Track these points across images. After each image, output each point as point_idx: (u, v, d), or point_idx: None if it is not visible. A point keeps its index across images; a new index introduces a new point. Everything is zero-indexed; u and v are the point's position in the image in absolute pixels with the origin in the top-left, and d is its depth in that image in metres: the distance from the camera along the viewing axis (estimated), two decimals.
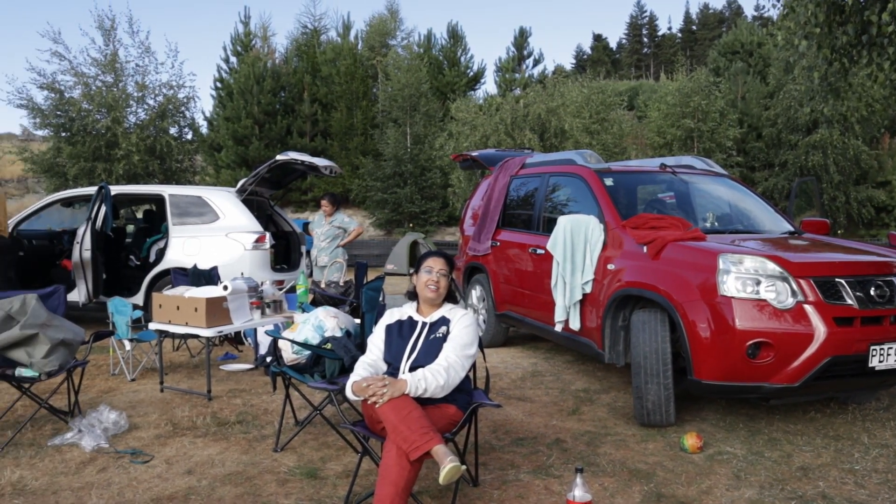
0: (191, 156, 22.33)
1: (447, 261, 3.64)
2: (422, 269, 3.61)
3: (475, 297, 7.81)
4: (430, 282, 3.55)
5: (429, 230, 25.25)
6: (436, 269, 3.57)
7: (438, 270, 3.57)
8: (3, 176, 38.55)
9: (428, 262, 3.61)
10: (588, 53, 68.57)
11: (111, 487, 3.66)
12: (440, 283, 3.56)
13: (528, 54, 31.34)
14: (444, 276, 3.58)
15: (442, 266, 3.60)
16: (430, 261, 3.61)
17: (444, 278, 3.58)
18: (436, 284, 3.55)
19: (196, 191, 8.83)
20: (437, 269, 3.58)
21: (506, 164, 7.64)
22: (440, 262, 3.61)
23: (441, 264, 3.60)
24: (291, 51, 31.95)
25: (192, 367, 6.69)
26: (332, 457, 4.13)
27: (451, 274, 3.64)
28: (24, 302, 4.74)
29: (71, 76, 19.53)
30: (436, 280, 3.55)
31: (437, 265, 3.59)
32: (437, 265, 3.59)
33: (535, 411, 5.12)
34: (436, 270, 3.57)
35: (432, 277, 3.55)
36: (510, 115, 20.39)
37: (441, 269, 3.58)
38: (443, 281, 3.57)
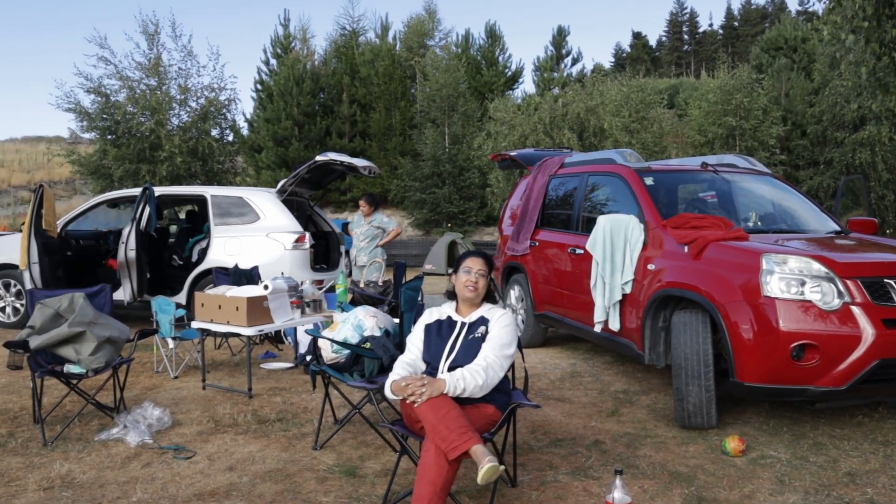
0: (232, 157, 22.65)
1: (486, 261, 3.64)
2: (461, 270, 3.61)
3: (513, 298, 7.79)
4: (468, 282, 3.55)
5: (467, 230, 25.24)
6: (475, 269, 3.57)
7: (477, 270, 3.57)
8: (53, 178, 39.58)
9: (467, 263, 3.61)
10: (627, 51, 67.90)
11: (155, 482, 3.74)
12: (479, 283, 3.56)
13: (566, 53, 31.17)
14: (482, 276, 3.58)
15: (481, 266, 3.59)
16: (469, 261, 3.61)
17: (483, 278, 3.58)
18: (474, 284, 3.55)
19: (237, 191, 8.95)
20: (475, 269, 3.57)
21: (544, 164, 7.60)
22: (479, 261, 3.61)
23: (480, 264, 3.60)
24: (330, 52, 32.20)
25: (233, 366, 6.79)
26: (371, 455, 4.16)
27: (490, 274, 3.63)
28: (72, 300, 4.87)
29: (116, 80, 19.97)
30: (474, 280, 3.55)
31: (475, 265, 3.59)
32: (476, 265, 3.59)
33: (574, 412, 5.09)
34: (475, 270, 3.57)
35: (471, 278, 3.55)
36: (549, 115, 20.29)
37: (480, 269, 3.58)
38: (481, 281, 3.57)
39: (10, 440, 4.44)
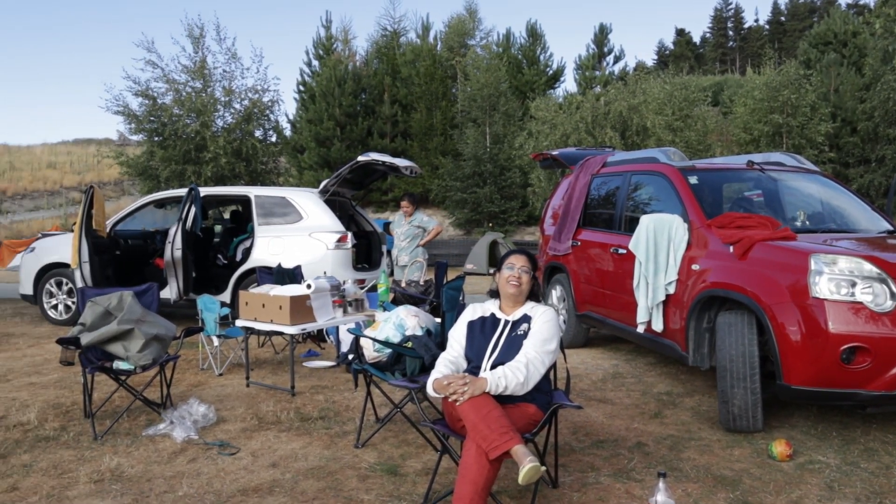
0: (275, 158, 22.93)
1: (529, 258, 3.63)
2: (504, 266, 3.61)
3: (555, 298, 7.75)
4: (511, 277, 3.55)
5: (508, 230, 25.19)
6: (518, 265, 3.57)
7: (520, 267, 3.57)
8: (102, 179, 40.56)
9: (510, 260, 3.61)
10: (670, 49, 67.09)
11: (200, 477, 3.80)
12: (522, 279, 3.55)
13: (608, 51, 30.93)
14: (525, 273, 3.57)
15: (524, 263, 3.59)
16: (512, 257, 3.62)
17: (526, 275, 3.57)
18: (517, 280, 3.54)
19: (280, 192, 9.06)
20: (519, 265, 3.57)
21: (586, 163, 7.55)
22: (522, 258, 3.61)
23: (523, 261, 3.59)
24: (372, 53, 32.42)
25: (276, 364, 6.87)
26: (412, 454, 4.17)
27: (533, 272, 3.62)
28: (121, 299, 4.99)
29: (163, 83, 20.38)
30: (517, 276, 3.55)
31: (519, 262, 3.59)
32: (520, 262, 3.59)
33: (616, 413, 5.04)
34: (518, 267, 3.57)
35: (514, 273, 3.55)
36: (590, 114, 20.14)
37: (523, 265, 3.58)
38: (524, 277, 3.56)
39: (63, 434, 4.56)
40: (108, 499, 3.51)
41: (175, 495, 3.55)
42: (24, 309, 10.91)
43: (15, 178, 42.12)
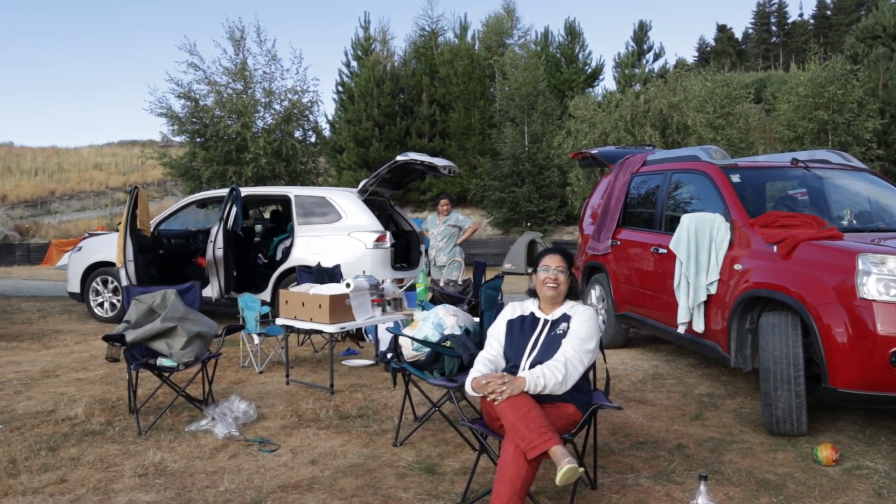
0: (314, 158, 23.13)
1: (564, 257, 3.59)
2: (539, 269, 3.58)
3: (594, 297, 7.69)
4: (547, 279, 3.52)
5: (547, 229, 25.07)
6: (553, 266, 3.54)
7: (556, 267, 3.53)
8: (146, 179, 41.37)
9: (545, 261, 3.58)
10: (712, 45, 66.02)
11: (241, 473, 3.86)
12: (559, 280, 3.52)
13: (647, 48, 30.62)
14: (562, 273, 3.53)
15: (559, 262, 3.55)
16: (546, 258, 3.58)
17: (563, 274, 3.54)
18: (554, 281, 3.51)
19: (320, 192, 9.14)
20: (554, 265, 3.54)
21: (626, 162, 7.48)
22: (557, 258, 3.57)
23: (558, 261, 3.56)
24: (410, 53, 32.52)
25: (315, 362, 6.94)
26: (451, 453, 4.18)
27: (570, 270, 3.59)
28: (165, 297, 5.08)
29: (205, 85, 20.71)
30: (553, 277, 3.52)
31: (553, 262, 3.55)
32: (554, 262, 3.55)
33: (656, 415, 4.98)
34: (553, 267, 3.53)
35: (550, 275, 3.52)
36: (630, 112, 19.95)
37: (558, 265, 3.54)
38: (561, 277, 3.53)
39: (109, 428, 4.67)
40: (152, 493, 3.58)
41: (216, 490, 3.60)
42: (72, 306, 11.18)
43: (63, 180, 43.20)
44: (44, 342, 8.10)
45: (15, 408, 5.23)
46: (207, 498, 3.50)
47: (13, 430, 4.67)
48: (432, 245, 9.06)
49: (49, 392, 5.71)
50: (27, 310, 11.02)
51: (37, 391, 5.75)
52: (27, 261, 25.96)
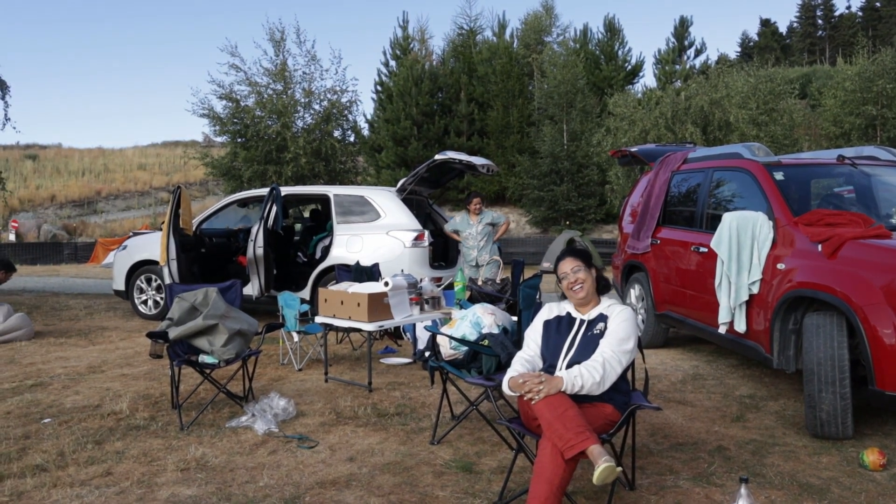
0: (353, 157, 23.30)
1: (575, 256, 3.56)
2: (559, 278, 3.57)
3: (634, 297, 7.62)
4: (570, 286, 3.50)
5: (586, 228, 24.89)
6: (568, 270, 3.52)
7: (572, 269, 3.51)
8: (189, 179, 42.09)
9: (559, 270, 3.57)
10: (755, 40, 64.80)
11: (280, 469, 3.91)
12: (579, 280, 3.49)
13: (689, 44, 30.15)
14: (580, 272, 3.50)
15: (572, 264, 3.53)
16: (559, 267, 3.57)
17: (582, 273, 3.50)
18: (577, 283, 3.49)
19: (358, 191, 9.20)
20: (569, 269, 3.52)
21: (666, 160, 7.39)
22: (568, 262, 3.54)
23: (570, 263, 3.53)
24: (448, 52, 32.54)
25: (353, 360, 6.99)
26: (488, 452, 4.17)
27: (588, 265, 3.55)
28: (206, 295, 5.17)
29: (246, 86, 21.01)
30: (574, 280, 3.50)
31: (567, 267, 3.53)
32: (567, 266, 3.53)
33: (696, 416, 4.91)
34: (569, 271, 3.51)
35: (570, 280, 3.50)
36: (670, 109, 19.68)
37: (573, 266, 3.52)
38: (581, 276, 3.50)
39: (152, 423, 4.76)
40: (194, 487, 3.64)
41: (256, 486, 3.65)
42: (117, 304, 11.43)
43: (109, 180, 44.18)
44: (90, 338, 8.30)
45: (63, 402, 5.37)
46: (247, 493, 3.55)
47: (61, 423, 4.80)
48: (471, 246, 8.96)
49: (95, 387, 5.84)
50: (74, 307, 11.30)
51: (83, 386, 5.89)
52: (75, 259, 26.60)
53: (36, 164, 47.58)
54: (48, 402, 5.37)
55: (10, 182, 36.11)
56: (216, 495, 3.53)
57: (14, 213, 35.57)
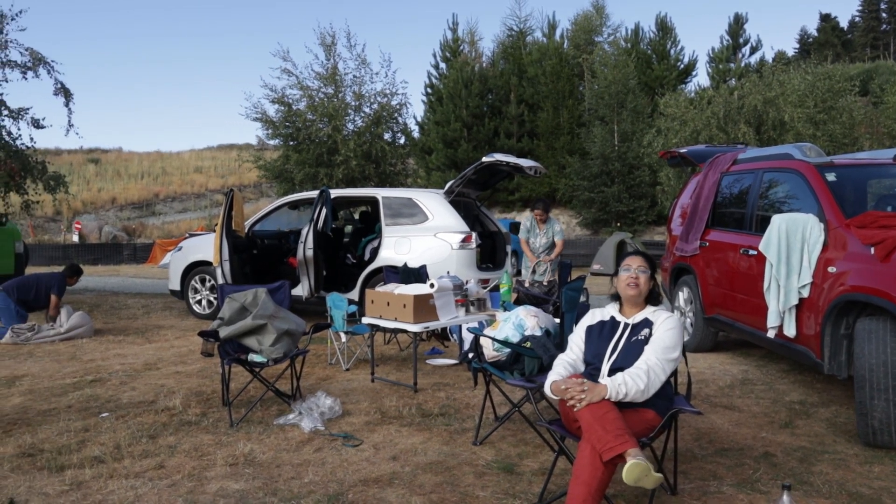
0: (403, 159, 23.45)
1: (645, 258, 3.57)
2: (621, 269, 3.58)
3: (682, 300, 7.53)
4: (629, 279, 3.51)
5: (637, 229, 24.64)
6: (634, 265, 3.53)
7: (637, 267, 3.52)
8: (242, 182, 42.93)
9: (626, 261, 3.57)
10: (814, 36, 63.02)
11: (325, 466, 3.99)
12: (640, 279, 3.50)
13: (743, 42, 29.61)
14: (642, 273, 3.51)
15: (640, 263, 3.54)
16: (628, 259, 3.58)
17: (644, 275, 3.51)
18: (635, 281, 3.49)
19: (407, 193, 9.28)
20: (635, 266, 3.52)
21: (716, 161, 7.29)
22: (638, 259, 3.56)
23: (639, 262, 3.54)
24: (498, 53, 32.56)
25: (400, 360, 7.06)
26: (529, 453, 4.19)
27: (651, 273, 3.56)
28: (256, 295, 5.30)
29: (297, 90, 21.31)
30: (635, 276, 3.50)
31: (635, 263, 3.54)
32: (636, 262, 3.54)
33: (743, 421, 4.84)
34: (634, 267, 3.52)
35: (631, 274, 3.51)
36: (723, 108, 19.27)
37: (640, 265, 3.53)
38: (642, 277, 3.50)
39: (203, 419, 4.91)
40: (241, 481, 3.75)
41: (301, 482, 3.74)
42: (173, 303, 11.75)
43: (166, 182, 45.35)
44: (147, 336, 8.56)
45: (120, 397, 5.57)
46: (292, 488, 3.64)
47: (118, 417, 4.98)
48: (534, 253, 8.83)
49: (150, 384, 6.04)
50: (133, 306, 11.66)
51: (140, 382, 6.09)
52: (134, 259, 27.41)
53: (98, 168, 49.14)
54: (106, 398, 5.57)
55: (74, 185, 37.34)
56: (262, 490, 3.62)
57: (77, 215, 36.81)
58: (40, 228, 35.18)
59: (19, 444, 4.40)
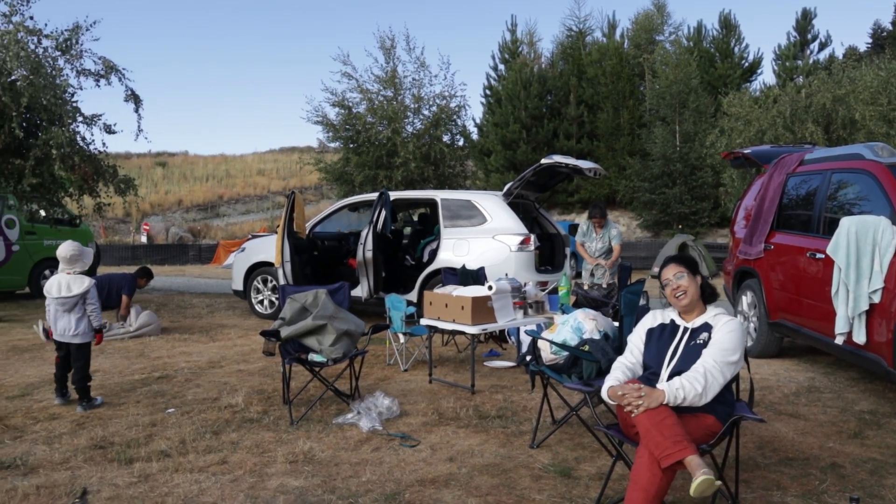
0: (462, 161, 23.52)
1: (679, 262, 3.48)
2: (663, 285, 3.50)
3: (745, 304, 7.36)
4: (673, 292, 3.43)
5: (699, 232, 24.16)
6: (671, 276, 3.44)
7: (674, 275, 3.43)
8: (304, 184, 43.67)
9: (663, 276, 3.49)
10: (888, 30, 60.65)
11: (382, 466, 4.03)
12: (682, 286, 3.41)
13: (812, 38, 28.69)
14: (682, 278, 3.42)
15: (676, 270, 3.44)
16: (663, 273, 3.49)
17: (685, 279, 3.42)
18: (679, 290, 3.41)
19: (465, 195, 9.30)
20: (672, 275, 3.44)
21: (781, 161, 7.10)
22: (672, 268, 3.46)
23: (674, 269, 3.45)
24: (557, 54, 32.36)
25: (458, 362, 7.08)
26: (587, 458, 4.16)
27: (694, 272, 3.48)
28: (316, 296, 5.39)
29: (357, 93, 21.58)
30: (676, 286, 3.42)
31: (670, 273, 3.45)
32: (671, 272, 3.45)
33: (809, 430, 4.70)
34: (672, 276, 3.44)
35: (672, 286, 3.43)
36: (789, 107, 18.68)
37: (676, 272, 3.43)
38: (684, 282, 3.41)
39: (265, 417, 5.02)
40: (301, 478, 3.82)
41: (358, 480, 3.79)
42: (236, 303, 12.03)
43: (230, 185, 46.48)
44: (211, 335, 8.79)
45: (185, 394, 5.74)
46: (350, 487, 3.70)
47: (183, 413, 5.13)
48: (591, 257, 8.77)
49: (214, 381, 6.20)
50: (198, 305, 11.98)
51: (204, 380, 6.26)
52: (199, 260, 28.17)
53: (165, 171, 50.71)
54: (172, 394, 5.75)
55: (143, 188, 38.55)
56: (321, 488, 3.69)
57: (146, 217, 38.03)
58: (111, 230, 36.46)
59: (92, 436, 4.58)
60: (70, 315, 5.36)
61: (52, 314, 5.40)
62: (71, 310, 5.36)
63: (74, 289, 5.34)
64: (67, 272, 5.41)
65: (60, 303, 5.33)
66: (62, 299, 5.33)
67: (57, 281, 5.38)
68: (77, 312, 5.38)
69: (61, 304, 5.34)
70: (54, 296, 5.33)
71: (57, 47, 10.39)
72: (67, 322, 5.36)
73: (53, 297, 5.34)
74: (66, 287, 5.34)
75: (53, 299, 5.35)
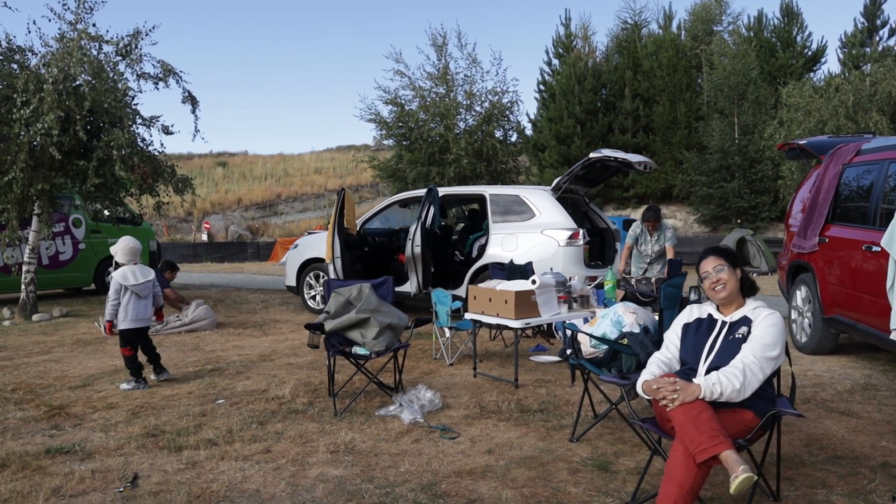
0: (515, 157, 23.44)
1: (718, 254, 3.40)
2: (702, 278, 3.44)
3: (800, 299, 7.17)
4: (712, 285, 3.36)
5: (759, 226, 23.59)
6: (709, 268, 3.37)
7: (714, 268, 3.36)
8: (359, 182, 44.13)
9: (701, 269, 3.42)
10: None
11: (421, 457, 4.08)
12: (721, 279, 3.33)
13: (881, 24, 27.59)
14: (721, 271, 3.34)
15: (715, 262, 3.37)
16: (702, 266, 3.42)
17: (724, 272, 3.34)
18: (718, 283, 3.34)
19: (514, 190, 9.29)
20: (710, 268, 3.37)
21: (837, 152, 6.89)
22: (711, 260, 3.39)
23: (713, 262, 3.38)
24: (612, 48, 31.93)
25: (504, 357, 7.09)
26: (626, 452, 4.12)
27: (734, 265, 3.40)
28: (360, 290, 5.48)
29: (410, 90, 21.72)
30: (715, 280, 3.34)
31: (709, 265, 3.38)
32: (709, 265, 3.38)
33: (862, 429, 4.56)
34: (712, 269, 3.37)
35: (711, 279, 3.36)
36: (852, 96, 17.99)
37: (716, 265, 3.36)
38: (723, 275, 3.33)
39: (310, 408, 5.12)
40: (341, 468, 3.89)
41: (397, 471, 3.84)
42: (290, 299, 12.26)
43: (288, 183, 47.30)
44: (264, 330, 8.98)
45: (235, 386, 5.89)
46: (388, 476, 3.75)
47: (232, 404, 5.27)
48: (644, 257, 8.62)
49: (264, 374, 6.35)
50: (253, 301, 12.25)
51: (254, 372, 6.42)
52: (257, 257, 28.74)
53: (225, 171, 51.85)
54: (223, 386, 5.91)
55: (203, 187, 39.50)
56: (360, 477, 3.75)
57: (206, 216, 38.97)
58: (174, 228, 37.49)
59: (145, 425, 4.75)
60: (146, 301, 6.00)
61: (126, 302, 5.90)
62: (146, 296, 5.98)
63: (147, 276, 6.00)
64: (134, 262, 6.02)
65: (140, 289, 5.92)
66: (140, 285, 5.91)
67: (130, 271, 5.95)
68: (149, 298, 6.02)
69: (141, 290, 5.93)
70: (132, 283, 5.87)
71: (117, 52, 10.72)
72: (144, 307, 6.00)
73: (132, 285, 5.87)
74: (142, 275, 5.96)
75: (132, 286, 5.87)
